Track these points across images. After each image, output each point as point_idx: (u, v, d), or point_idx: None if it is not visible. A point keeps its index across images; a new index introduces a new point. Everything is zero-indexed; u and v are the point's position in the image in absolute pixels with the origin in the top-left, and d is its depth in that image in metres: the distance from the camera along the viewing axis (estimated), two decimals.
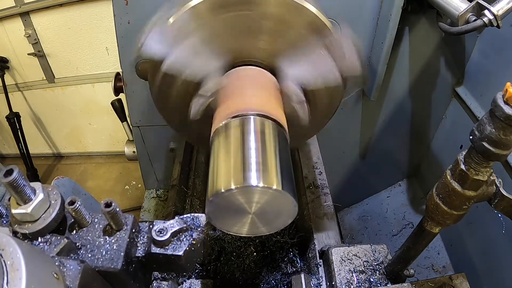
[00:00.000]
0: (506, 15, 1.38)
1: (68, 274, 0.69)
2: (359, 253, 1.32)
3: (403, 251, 1.15)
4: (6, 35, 4.16)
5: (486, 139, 0.75)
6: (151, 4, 1.79)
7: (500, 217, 1.84)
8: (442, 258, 2.47)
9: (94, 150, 5.27)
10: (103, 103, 4.50)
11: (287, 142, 1.13)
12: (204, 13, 1.17)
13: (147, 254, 0.85)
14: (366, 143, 2.65)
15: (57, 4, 3.82)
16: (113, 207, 0.77)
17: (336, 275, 1.27)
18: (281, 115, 1.18)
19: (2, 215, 0.84)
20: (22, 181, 0.72)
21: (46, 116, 4.89)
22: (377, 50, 1.94)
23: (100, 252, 0.79)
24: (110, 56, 4.16)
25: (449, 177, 0.89)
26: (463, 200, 0.88)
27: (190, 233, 0.87)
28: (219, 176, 0.96)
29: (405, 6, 1.77)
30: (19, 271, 0.55)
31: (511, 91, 0.67)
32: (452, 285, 1.12)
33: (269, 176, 0.93)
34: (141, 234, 0.87)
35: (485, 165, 0.81)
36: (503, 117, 0.70)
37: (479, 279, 2.08)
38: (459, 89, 2.27)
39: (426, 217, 1.00)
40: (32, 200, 0.75)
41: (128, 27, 1.87)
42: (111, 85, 2.13)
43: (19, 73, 4.50)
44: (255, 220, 0.99)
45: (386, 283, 1.25)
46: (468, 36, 2.05)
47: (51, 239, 0.77)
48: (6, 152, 5.32)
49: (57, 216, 0.79)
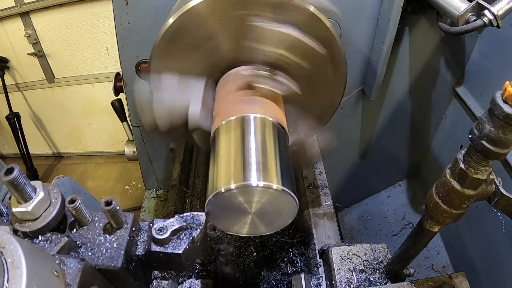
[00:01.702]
0: (506, 15, 1.38)
1: (68, 272, 0.69)
2: (359, 252, 1.32)
3: (403, 250, 1.16)
4: (6, 35, 4.16)
5: (485, 137, 0.75)
6: (151, 4, 1.79)
7: (500, 216, 1.84)
8: (442, 258, 2.47)
9: (94, 150, 5.27)
10: (103, 103, 4.50)
11: (287, 142, 1.13)
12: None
13: (147, 253, 0.85)
14: (366, 143, 2.65)
15: (57, 4, 3.82)
16: (113, 206, 0.78)
17: (336, 274, 1.27)
18: (281, 115, 1.18)
19: (3, 214, 0.85)
20: (23, 180, 0.72)
21: (46, 116, 4.89)
22: (377, 50, 1.94)
23: (100, 251, 0.79)
24: (110, 56, 4.16)
25: (448, 176, 0.89)
26: (462, 199, 0.89)
27: (190, 231, 0.87)
28: (219, 176, 0.96)
29: (405, 6, 1.77)
30: (19, 269, 0.56)
31: (510, 90, 0.68)
32: (451, 284, 1.12)
33: (269, 176, 0.93)
34: (141, 232, 0.87)
35: (484, 164, 0.81)
36: (502, 116, 0.70)
37: (479, 278, 2.08)
38: (459, 89, 2.27)
39: (426, 216, 1.00)
40: (32, 198, 0.75)
41: (128, 27, 1.87)
42: (111, 85, 2.14)
43: (19, 73, 4.50)
44: (255, 220, 0.99)
45: (386, 282, 1.25)
46: (468, 36, 2.05)
47: (51, 238, 0.77)
48: (6, 152, 5.32)
49: (57, 214, 0.79)
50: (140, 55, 1.94)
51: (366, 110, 2.41)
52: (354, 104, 2.36)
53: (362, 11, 1.89)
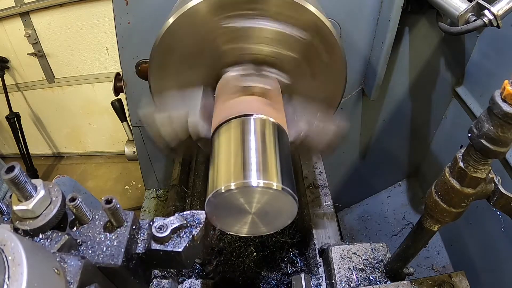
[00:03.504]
0: (506, 15, 1.38)
1: (69, 270, 0.69)
2: (358, 251, 1.32)
3: (403, 249, 1.16)
4: (6, 35, 4.16)
5: (484, 136, 0.75)
6: (151, 4, 1.79)
7: (499, 215, 1.84)
8: (442, 258, 2.47)
9: (94, 150, 5.27)
10: (103, 103, 4.50)
11: (287, 142, 1.13)
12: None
13: (147, 251, 0.86)
14: (366, 143, 2.66)
15: (57, 4, 3.82)
16: (113, 204, 0.78)
17: (335, 273, 1.27)
18: (281, 116, 1.18)
19: (3, 213, 0.85)
20: (24, 178, 0.72)
21: (46, 116, 4.90)
22: (377, 50, 1.94)
23: (101, 249, 0.80)
24: (110, 56, 4.16)
25: (448, 175, 0.89)
26: (461, 197, 0.89)
27: (190, 229, 0.88)
28: (219, 176, 0.96)
29: (405, 6, 1.77)
30: (20, 266, 0.56)
31: (509, 89, 0.68)
32: (451, 283, 1.13)
33: (269, 176, 0.93)
34: (141, 230, 0.88)
35: (483, 163, 0.82)
36: (501, 115, 0.70)
37: (479, 278, 2.08)
38: (459, 89, 2.27)
39: (425, 215, 1.01)
40: (33, 196, 0.75)
41: (128, 27, 1.87)
42: (111, 85, 2.14)
43: (19, 73, 4.50)
44: (255, 220, 0.99)
45: (386, 281, 1.25)
46: (468, 36, 2.05)
47: (52, 236, 0.77)
48: (6, 152, 5.32)
49: (58, 212, 0.79)
50: (140, 55, 1.94)
51: (366, 110, 2.41)
52: (354, 104, 2.36)
53: (362, 11, 1.89)
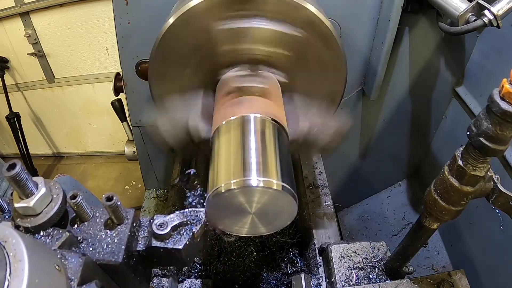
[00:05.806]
0: (506, 15, 1.39)
1: (69, 266, 0.69)
2: (358, 250, 1.33)
3: (402, 248, 1.16)
4: (6, 35, 4.17)
5: (483, 134, 0.76)
6: (151, 4, 1.80)
7: (498, 213, 1.84)
8: (442, 258, 2.47)
9: (94, 150, 5.27)
10: (103, 103, 4.51)
11: (287, 141, 1.14)
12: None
13: (148, 248, 0.86)
14: (366, 143, 2.66)
15: (57, 4, 3.83)
16: (114, 201, 0.78)
17: (335, 272, 1.27)
18: (281, 115, 1.19)
19: (4, 210, 0.85)
20: (25, 175, 0.73)
21: (46, 116, 4.90)
22: (377, 50, 1.95)
23: (101, 246, 0.80)
24: (110, 56, 4.16)
25: (447, 173, 0.89)
26: (461, 195, 0.89)
27: (190, 227, 0.88)
28: (219, 176, 0.97)
29: (405, 6, 1.78)
30: (21, 262, 0.56)
31: (507, 87, 0.68)
32: (450, 281, 1.13)
33: (269, 176, 0.93)
34: (142, 228, 0.88)
35: (482, 161, 0.82)
36: (499, 113, 0.70)
37: (479, 278, 2.08)
38: (459, 89, 2.28)
39: (425, 213, 1.01)
40: (34, 194, 0.76)
41: (128, 27, 1.88)
42: (111, 85, 2.14)
43: (19, 73, 4.50)
44: (255, 220, 0.99)
45: (385, 279, 1.25)
46: (468, 36, 2.06)
47: (53, 233, 0.78)
48: (6, 152, 5.32)
49: (59, 210, 0.79)
50: (140, 55, 1.95)
51: (366, 110, 2.41)
52: (354, 104, 2.36)
53: (362, 11, 1.89)
